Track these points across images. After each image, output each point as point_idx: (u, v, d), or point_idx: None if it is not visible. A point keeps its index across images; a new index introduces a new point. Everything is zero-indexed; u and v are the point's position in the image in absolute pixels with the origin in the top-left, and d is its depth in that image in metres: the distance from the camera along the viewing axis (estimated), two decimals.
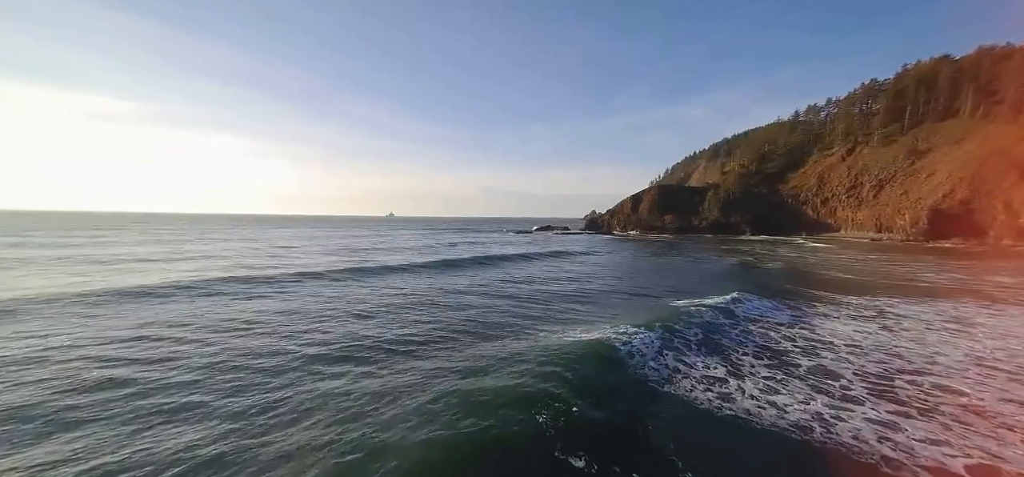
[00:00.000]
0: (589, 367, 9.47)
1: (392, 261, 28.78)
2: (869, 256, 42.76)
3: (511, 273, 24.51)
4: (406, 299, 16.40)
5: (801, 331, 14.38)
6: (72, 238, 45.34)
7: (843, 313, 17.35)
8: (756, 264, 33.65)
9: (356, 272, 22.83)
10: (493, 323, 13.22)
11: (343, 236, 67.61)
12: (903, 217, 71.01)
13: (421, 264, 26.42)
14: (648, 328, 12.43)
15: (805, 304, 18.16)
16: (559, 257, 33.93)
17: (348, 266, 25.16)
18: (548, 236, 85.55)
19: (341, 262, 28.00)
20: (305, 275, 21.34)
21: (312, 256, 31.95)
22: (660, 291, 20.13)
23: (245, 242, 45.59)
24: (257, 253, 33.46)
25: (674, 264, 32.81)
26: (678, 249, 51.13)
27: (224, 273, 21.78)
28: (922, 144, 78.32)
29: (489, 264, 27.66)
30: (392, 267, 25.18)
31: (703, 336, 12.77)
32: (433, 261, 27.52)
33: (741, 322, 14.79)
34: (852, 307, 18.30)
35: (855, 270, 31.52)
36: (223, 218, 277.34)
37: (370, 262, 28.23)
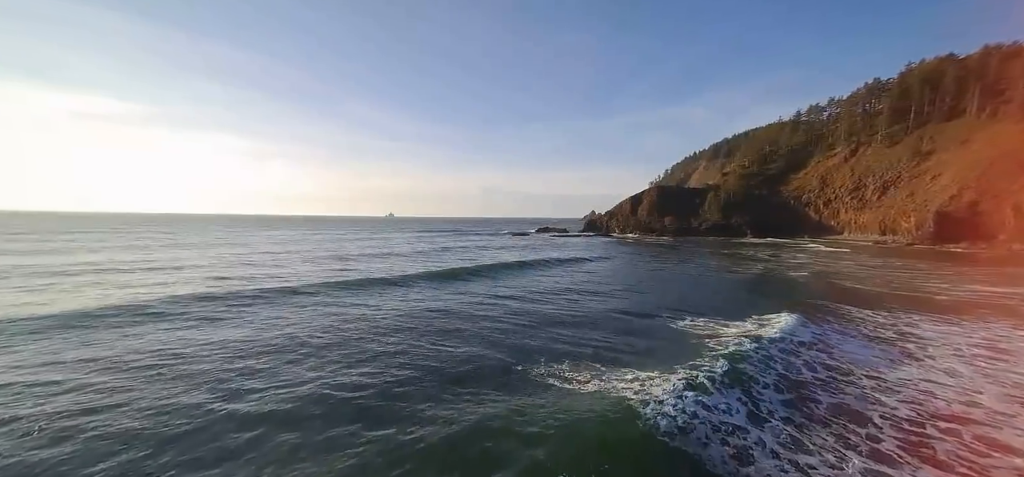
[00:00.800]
0: (610, 461, 6.94)
1: (374, 271, 26.96)
2: (878, 261, 41.03)
3: (502, 287, 22.50)
4: (374, 327, 14.50)
5: (818, 355, 12.72)
6: (46, 243, 43.61)
7: (859, 332, 15.68)
8: (765, 273, 31.89)
9: (331, 287, 20.99)
10: (473, 369, 10.97)
11: (335, 239, 65.89)
12: (908, 220, 69.33)
13: (402, 276, 24.32)
14: (673, 374, 10.34)
15: (816, 320, 16.46)
16: (555, 266, 31.69)
17: (324, 279, 23.26)
18: (546, 239, 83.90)
19: (319, 273, 26.20)
20: (273, 292, 19.53)
21: (293, 265, 30.19)
22: (673, 309, 18.29)
23: (228, 247, 43.91)
24: (234, 261, 31.65)
25: (680, 274, 30.77)
26: (680, 254, 49.39)
27: (182, 289, 20.00)
28: (927, 145, 76.66)
29: (479, 276, 25.61)
30: (371, 280, 23.22)
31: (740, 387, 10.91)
32: (418, 273, 25.54)
33: (774, 354, 12.94)
34: (868, 325, 16.64)
35: (865, 278, 29.74)
36: (221, 218, 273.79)
37: (350, 272, 26.43)
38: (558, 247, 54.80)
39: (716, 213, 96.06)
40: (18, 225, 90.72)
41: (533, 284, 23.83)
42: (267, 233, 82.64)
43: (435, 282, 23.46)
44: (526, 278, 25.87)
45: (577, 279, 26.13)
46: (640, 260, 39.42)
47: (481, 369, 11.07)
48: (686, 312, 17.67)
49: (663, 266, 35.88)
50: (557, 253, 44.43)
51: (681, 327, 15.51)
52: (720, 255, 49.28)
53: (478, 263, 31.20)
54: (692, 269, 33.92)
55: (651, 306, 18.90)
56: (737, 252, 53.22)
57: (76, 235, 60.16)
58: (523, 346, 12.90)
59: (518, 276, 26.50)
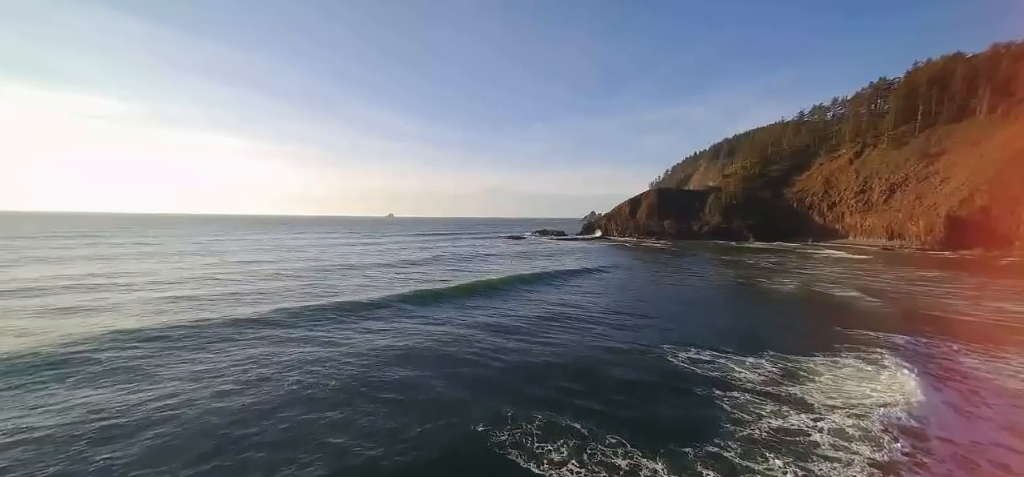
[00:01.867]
0: None
1: (344, 291, 24.28)
2: (892, 270, 38.56)
3: (481, 313, 19.89)
4: (319, 378, 11.94)
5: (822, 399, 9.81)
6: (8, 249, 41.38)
7: (891, 361, 13.33)
8: (771, 289, 29.44)
9: (290, 315, 18.41)
10: (408, 450, 8.59)
11: (321, 245, 63.65)
12: (917, 224, 66.97)
13: (369, 303, 21.31)
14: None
15: (835, 350, 13.96)
16: (545, 284, 28.45)
17: (286, 305, 20.47)
18: (542, 243, 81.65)
19: (286, 294, 23.69)
20: (211, 326, 16.86)
21: (257, 282, 27.59)
22: (678, 342, 15.85)
23: (201, 256, 41.43)
24: (193, 278, 28.99)
25: (684, 290, 28.04)
26: (682, 262, 47.01)
27: (106, 322, 17.40)
28: (935, 146, 74.23)
29: (456, 299, 22.64)
30: (335, 307, 20.27)
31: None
32: (390, 295, 22.56)
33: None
34: (900, 353, 14.23)
35: (883, 292, 27.29)
36: (217, 219, 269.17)
37: (315, 294, 23.57)
38: (552, 255, 52.27)
39: (717, 216, 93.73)
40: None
41: (516, 307, 21.37)
42: (254, 237, 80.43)
43: (407, 307, 20.76)
44: (509, 300, 23.18)
45: (567, 299, 23.71)
46: (639, 270, 36.81)
47: (420, 445, 8.80)
48: (692, 345, 15.30)
49: (664, 278, 33.48)
50: (549, 263, 42.06)
51: (687, 368, 13.19)
52: (724, 263, 46.94)
53: (465, 283, 27.82)
54: (696, 282, 31.47)
55: (650, 337, 16.55)
56: (742, 260, 50.83)
57: (44, 241, 57.89)
58: (486, 405, 10.58)
59: (501, 297, 23.74)
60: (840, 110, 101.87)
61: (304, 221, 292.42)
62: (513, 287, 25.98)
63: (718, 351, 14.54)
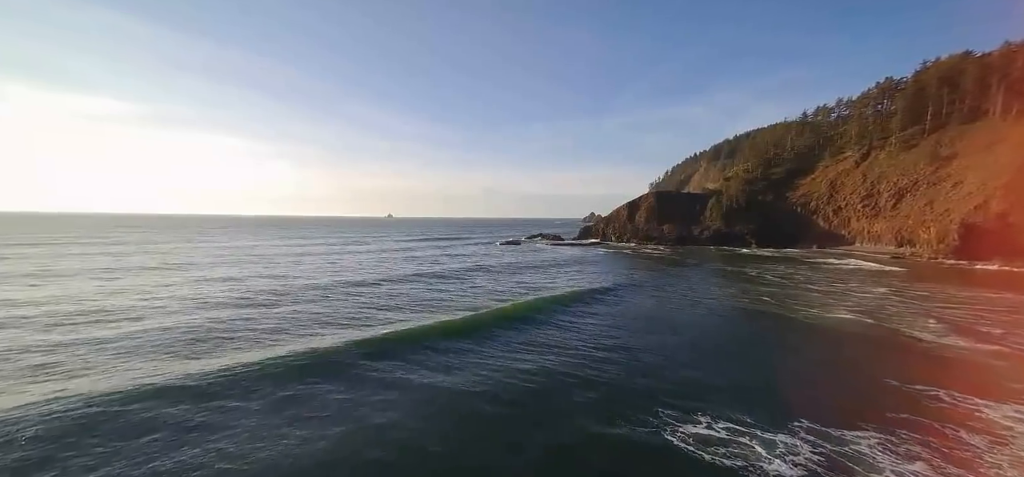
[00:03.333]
0: None
1: (283, 335, 19.18)
2: (913, 286, 35.34)
3: (441, 372, 15.32)
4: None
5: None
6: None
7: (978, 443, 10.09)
8: (787, 315, 26.12)
9: (182, 388, 13.21)
10: None
11: (299, 253, 60.30)
12: (928, 231, 63.86)
13: (313, 354, 16.33)
14: None
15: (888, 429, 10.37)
16: (528, 324, 22.04)
17: (194, 368, 15.13)
18: (537, 248, 78.44)
19: (214, 337, 19.27)
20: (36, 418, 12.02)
21: (205, 311, 23.08)
22: (682, 402, 12.68)
23: (161, 273, 37.82)
24: (123, 308, 24.62)
25: (691, 316, 24.59)
26: (683, 274, 43.83)
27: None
28: (946, 149, 71.16)
29: (415, 352, 17.29)
30: (271, 364, 15.21)
31: None
32: (333, 347, 17.32)
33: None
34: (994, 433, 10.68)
35: (940, 315, 23.54)
36: (214, 220, 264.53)
37: (239, 339, 18.65)
38: (544, 267, 48.52)
39: (718, 220, 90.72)
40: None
41: (483, 358, 16.84)
42: (234, 244, 77.05)
43: (349, 363, 15.81)
44: (478, 346, 18.11)
45: (549, 340, 19.49)
46: (635, 291, 32.45)
47: None
48: (700, 410, 12.07)
49: (663, 299, 30.23)
50: (539, 279, 38.66)
51: (694, 453, 9.97)
52: (728, 276, 43.72)
53: (423, 322, 21.82)
54: (700, 304, 28.15)
55: (645, 398, 13.20)
56: (746, 271, 47.63)
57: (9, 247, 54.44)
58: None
59: (470, 340, 18.86)
60: (845, 111, 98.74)
61: (301, 222, 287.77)
62: (487, 329, 20.44)
63: (735, 422, 11.32)
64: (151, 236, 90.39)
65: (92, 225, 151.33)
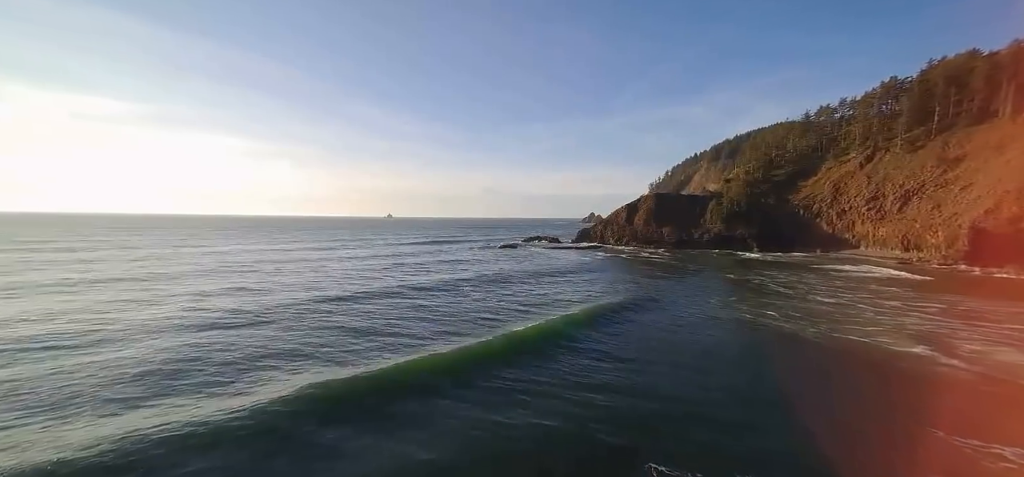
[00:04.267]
0: None
1: (218, 383, 15.72)
2: (948, 299, 32.72)
3: (386, 437, 12.26)
4: None
5: None
6: None
7: None
8: (807, 338, 23.86)
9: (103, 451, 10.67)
10: None
11: (290, 260, 58.26)
12: (936, 235, 61.72)
13: (241, 415, 12.69)
14: None
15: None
16: (503, 367, 17.96)
17: (103, 431, 13.34)
18: (534, 253, 76.22)
19: (166, 365, 17.50)
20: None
21: (154, 337, 20.49)
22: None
23: (121, 286, 35.27)
24: (91, 320, 23.67)
25: (694, 342, 21.86)
26: (685, 284, 41.66)
27: None
28: (954, 151, 68.97)
29: (360, 416, 13.44)
30: (178, 429, 11.71)
31: None
32: (259, 403, 13.51)
33: None
34: None
35: (997, 352, 19.61)
36: (210, 221, 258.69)
37: (183, 385, 15.31)
38: (537, 277, 45.19)
39: (719, 223, 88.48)
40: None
41: (460, 408, 13.87)
42: (219, 249, 75.02)
43: (287, 425, 12.40)
44: (455, 399, 14.61)
45: (535, 385, 15.96)
46: (640, 307, 29.52)
47: None
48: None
49: (662, 316, 28.05)
50: (533, 292, 36.37)
51: None
52: (733, 285, 41.55)
53: (390, 361, 18.16)
54: (703, 325, 25.72)
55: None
56: (751, 279, 45.48)
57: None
58: None
59: (425, 397, 14.72)
60: (848, 111, 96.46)
61: (299, 223, 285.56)
62: (467, 372, 17.11)
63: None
64: (135, 240, 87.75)
65: (84, 226, 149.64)
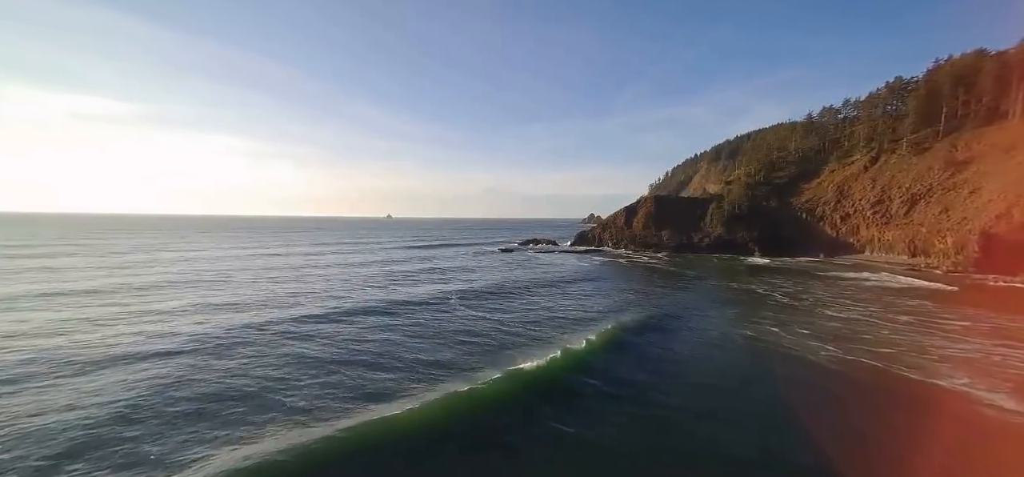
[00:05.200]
0: None
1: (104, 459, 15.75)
2: (955, 312, 30.53)
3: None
4: None
5: None
6: None
7: None
8: (827, 366, 21.75)
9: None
10: None
11: (271, 267, 56.20)
12: (944, 241, 59.57)
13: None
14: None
15: None
16: (494, 430, 14.16)
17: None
18: (530, 258, 74.04)
19: (58, 425, 15.88)
20: None
21: (71, 375, 17.87)
22: None
23: (72, 300, 32.96)
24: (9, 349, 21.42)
25: (700, 372, 19.55)
26: (685, 294, 39.61)
27: None
28: (962, 153, 66.79)
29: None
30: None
31: None
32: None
33: None
34: None
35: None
36: (208, 221, 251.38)
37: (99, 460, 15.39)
38: (530, 290, 41.60)
39: (718, 227, 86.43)
40: None
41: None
42: (201, 254, 73.03)
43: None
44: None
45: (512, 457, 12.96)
46: (641, 329, 26.74)
47: None
48: None
49: (661, 334, 25.93)
50: (522, 311, 33.81)
51: None
52: (735, 296, 39.43)
53: (335, 426, 11.90)
54: (706, 349, 23.66)
55: None
56: (754, 288, 43.37)
57: None
58: None
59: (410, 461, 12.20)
60: (852, 112, 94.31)
61: (297, 224, 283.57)
62: (432, 441, 13.48)
63: None
64: (120, 244, 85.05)
65: (77, 228, 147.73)
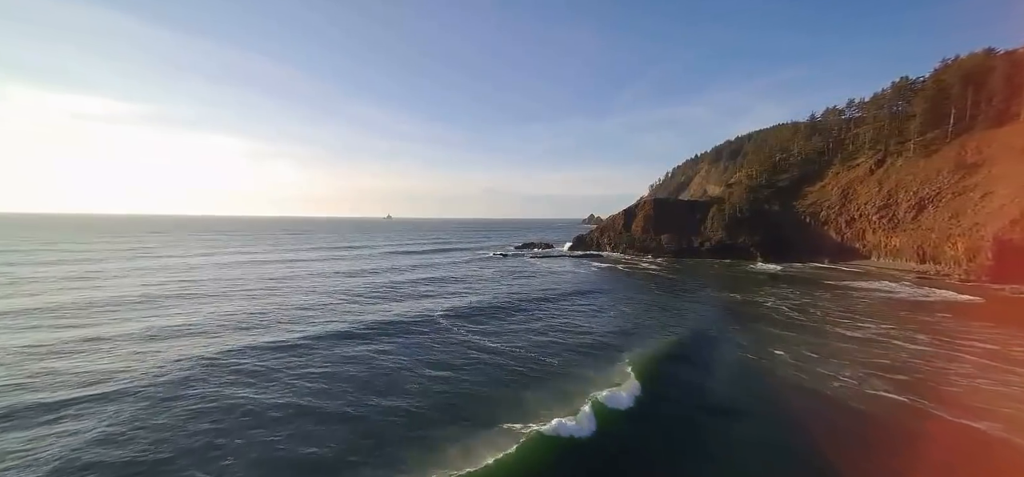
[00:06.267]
0: None
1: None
2: (983, 332, 28.24)
3: None
4: None
5: None
6: None
7: None
8: (851, 401, 19.40)
9: None
10: None
11: (243, 277, 53.97)
12: (955, 247, 57.21)
13: None
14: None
15: None
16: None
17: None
18: (525, 266, 71.63)
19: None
20: None
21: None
22: None
23: (34, 322, 31.55)
24: None
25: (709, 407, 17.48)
26: (685, 304, 37.36)
27: None
28: (973, 155, 64.32)
29: None
30: None
31: None
32: None
33: None
34: None
35: None
36: (207, 221, 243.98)
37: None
38: (529, 306, 38.48)
39: (719, 231, 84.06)
40: None
41: None
42: (184, 261, 70.84)
43: None
44: None
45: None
46: (642, 359, 23.77)
47: None
48: None
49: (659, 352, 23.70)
50: (518, 327, 31.43)
51: None
52: (740, 309, 37.16)
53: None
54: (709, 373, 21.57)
55: None
56: (759, 300, 41.05)
57: None
58: None
59: None
60: (856, 113, 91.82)
61: (295, 224, 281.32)
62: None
63: None
64: (102, 249, 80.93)
65: (70, 229, 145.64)
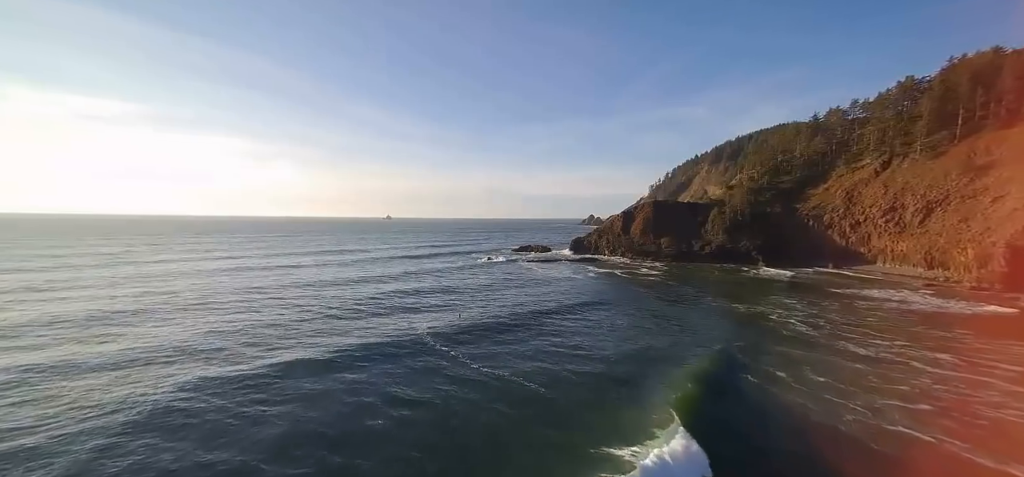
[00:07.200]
0: None
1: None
2: (1011, 352, 26.05)
3: None
4: None
5: None
6: None
7: None
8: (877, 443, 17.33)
9: None
10: None
11: (215, 291, 51.94)
12: (964, 253, 55.15)
13: None
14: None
15: None
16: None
17: None
18: (521, 272, 69.63)
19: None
20: None
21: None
22: None
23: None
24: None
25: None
26: (693, 300, 35.39)
27: None
28: (982, 157, 62.35)
29: None
30: None
31: None
32: None
33: None
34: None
35: None
36: (200, 224, 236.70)
37: None
38: (525, 323, 35.49)
39: (720, 234, 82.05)
40: None
41: None
42: (173, 266, 68.95)
43: None
44: None
45: None
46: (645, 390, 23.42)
47: None
48: None
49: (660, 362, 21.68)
50: (513, 348, 29.52)
51: None
52: (743, 321, 35.17)
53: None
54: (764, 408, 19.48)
55: None
56: (763, 310, 39.06)
57: None
58: None
59: None
60: (860, 113, 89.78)
61: (295, 225, 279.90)
62: None
63: None
64: (82, 254, 77.61)
65: (64, 230, 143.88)
